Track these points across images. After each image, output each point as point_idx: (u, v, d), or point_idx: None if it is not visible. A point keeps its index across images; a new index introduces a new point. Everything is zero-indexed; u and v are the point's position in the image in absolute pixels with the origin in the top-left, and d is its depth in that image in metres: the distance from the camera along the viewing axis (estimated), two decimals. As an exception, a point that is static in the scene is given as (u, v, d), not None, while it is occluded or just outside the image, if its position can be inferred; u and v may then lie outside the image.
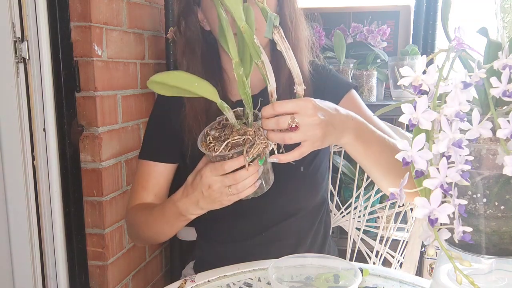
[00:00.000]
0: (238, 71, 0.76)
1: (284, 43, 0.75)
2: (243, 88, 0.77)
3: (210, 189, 0.80)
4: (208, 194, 0.81)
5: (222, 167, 0.77)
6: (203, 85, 0.75)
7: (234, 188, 0.78)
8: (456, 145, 0.46)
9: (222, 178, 0.78)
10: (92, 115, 1.39)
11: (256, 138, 0.76)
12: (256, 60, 0.74)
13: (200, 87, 0.74)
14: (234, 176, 0.77)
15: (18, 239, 1.37)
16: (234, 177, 0.77)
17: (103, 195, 1.44)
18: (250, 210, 1.04)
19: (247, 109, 0.79)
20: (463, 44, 0.53)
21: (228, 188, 0.79)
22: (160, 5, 1.72)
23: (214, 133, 0.81)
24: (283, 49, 0.75)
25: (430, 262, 1.55)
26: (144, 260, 1.73)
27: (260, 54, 0.74)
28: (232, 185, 0.78)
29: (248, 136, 0.77)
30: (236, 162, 0.76)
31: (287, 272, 0.76)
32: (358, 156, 0.87)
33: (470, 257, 0.54)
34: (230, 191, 0.79)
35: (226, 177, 0.78)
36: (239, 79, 0.76)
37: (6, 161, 1.34)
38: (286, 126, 0.74)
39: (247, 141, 0.77)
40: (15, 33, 1.29)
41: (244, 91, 0.77)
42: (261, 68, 0.75)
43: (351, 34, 1.86)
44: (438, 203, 0.45)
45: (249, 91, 0.78)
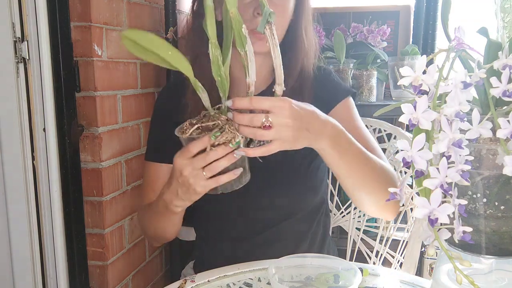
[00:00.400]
0: (214, 52, 0.74)
1: (273, 40, 0.74)
2: (217, 70, 0.74)
3: (183, 175, 0.77)
4: (182, 181, 0.78)
5: (188, 149, 0.75)
6: (177, 56, 0.72)
7: (208, 170, 0.75)
8: (456, 145, 0.46)
9: (191, 160, 0.76)
10: (92, 115, 1.39)
11: (227, 126, 0.75)
12: (240, 49, 0.73)
13: (174, 57, 0.72)
14: (203, 156, 0.75)
15: (18, 239, 1.37)
16: (204, 157, 0.75)
17: (103, 195, 1.44)
18: (249, 210, 1.04)
19: (220, 93, 0.77)
20: (463, 44, 0.53)
21: (202, 172, 0.76)
22: (160, 5, 1.72)
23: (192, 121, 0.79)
24: (271, 46, 0.74)
25: (430, 262, 1.55)
26: (144, 260, 1.73)
27: (245, 44, 0.72)
28: (206, 168, 0.75)
29: (219, 121, 0.75)
30: (200, 142, 0.74)
31: (287, 272, 0.76)
32: (332, 164, 0.86)
33: (470, 257, 0.54)
34: (204, 174, 0.76)
35: (196, 158, 0.75)
36: (214, 60, 0.74)
37: (6, 161, 1.34)
38: (260, 125, 0.73)
39: (217, 125, 0.75)
40: (15, 33, 1.29)
41: (218, 73, 0.75)
42: (243, 59, 0.74)
43: (351, 34, 1.86)
44: (438, 203, 0.45)
45: (224, 75, 0.76)
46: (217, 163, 0.75)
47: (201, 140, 0.74)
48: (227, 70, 0.76)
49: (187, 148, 0.76)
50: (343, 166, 0.86)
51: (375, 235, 1.30)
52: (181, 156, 0.77)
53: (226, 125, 0.75)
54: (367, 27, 1.84)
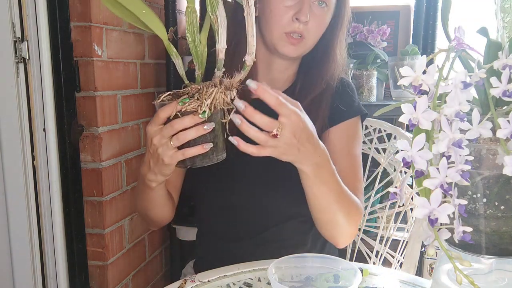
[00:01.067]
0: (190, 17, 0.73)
1: (248, 9, 0.72)
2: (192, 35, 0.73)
3: (153, 143, 0.76)
4: (153, 150, 0.77)
5: (157, 115, 0.74)
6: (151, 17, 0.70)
7: (175, 139, 0.73)
8: (456, 145, 0.46)
9: (160, 128, 0.75)
10: (92, 115, 1.39)
11: (197, 95, 0.73)
12: (211, 13, 0.72)
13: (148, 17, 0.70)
14: (170, 124, 0.73)
15: (18, 239, 1.37)
16: (171, 124, 0.73)
17: (103, 195, 1.44)
18: (250, 210, 1.04)
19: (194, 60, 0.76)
20: (463, 44, 0.53)
21: (170, 141, 0.74)
22: (160, 5, 1.72)
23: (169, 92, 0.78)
24: (246, 16, 0.73)
25: (430, 262, 1.55)
26: (144, 260, 1.73)
27: (216, 8, 0.71)
28: (173, 137, 0.74)
29: (189, 88, 0.74)
30: (168, 107, 0.73)
31: (287, 272, 0.76)
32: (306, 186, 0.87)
33: (470, 257, 0.54)
34: (172, 144, 0.74)
35: (165, 126, 0.74)
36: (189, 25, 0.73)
37: (6, 161, 1.34)
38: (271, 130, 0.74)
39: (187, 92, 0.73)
40: (15, 33, 1.29)
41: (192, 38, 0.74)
42: (214, 23, 0.73)
43: (351, 34, 1.85)
44: (438, 203, 0.45)
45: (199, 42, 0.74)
46: (185, 133, 0.73)
47: (169, 105, 0.73)
48: (204, 38, 0.74)
49: (157, 114, 0.74)
50: (315, 193, 0.88)
51: (375, 235, 1.30)
52: (151, 123, 0.76)
53: (196, 93, 0.73)
54: (367, 27, 1.84)
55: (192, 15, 0.72)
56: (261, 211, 1.04)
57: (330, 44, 1.03)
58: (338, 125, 1.04)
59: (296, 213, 1.05)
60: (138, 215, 1.13)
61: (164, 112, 0.73)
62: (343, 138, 1.04)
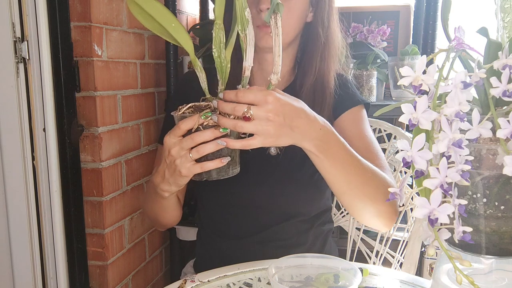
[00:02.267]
0: (218, 33, 0.73)
1: (276, 29, 0.74)
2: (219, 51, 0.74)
3: (170, 154, 0.76)
4: (170, 160, 0.77)
5: (177, 126, 0.75)
6: (180, 30, 0.71)
7: (195, 151, 0.74)
8: (456, 145, 0.46)
9: (179, 140, 0.75)
10: (92, 115, 1.39)
11: None
12: (241, 31, 0.73)
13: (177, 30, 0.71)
14: (191, 135, 0.74)
15: (18, 239, 1.37)
16: (191, 137, 0.73)
17: (103, 195, 1.44)
18: (250, 210, 1.04)
19: (218, 76, 0.77)
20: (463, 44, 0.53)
21: (188, 153, 0.75)
22: (160, 5, 1.72)
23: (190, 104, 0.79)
24: (273, 35, 0.74)
25: (430, 262, 1.55)
26: (144, 260, 1.73)
27: (246, 27, 0.72)
28: (193, 150, 0.74)
29: (211, 103, 0.75)
30: (190, 120, 0.73)
31: (287, 272, 0.76)
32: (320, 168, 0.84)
33: (470, 257, 0.54)
34: (191, 156, 0.74)
35: (184, 138, 0.75)
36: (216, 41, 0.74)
37: (6, 161, 1.34)
38: (240, 115, 0.72)
39: (209, 106, 0.75)
40: (15, 33, 1.29)
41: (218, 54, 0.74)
42: (242, 41, 0.74)
43: (351, 34, 1.86)
44: (438, 203, 0.45)
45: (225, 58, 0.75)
46: (204, 146, 0.73)
47: (191, 118, 0.73)
48: (228, 54, 0.75)
49: (177, 126, 0.75)
50: (329, 171, 0.83)
51: (375, 235, 1.30)
52: (170, 134, 0.76)
53: None
54: (367, 27, 1.84)
55: (219, 31, 0.73)
56: (261, 211, 1.04)
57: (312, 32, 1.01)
58: (343, 114, 1.04)
59: (296, 212, 1.05)
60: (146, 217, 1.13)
61: (185, 125, 0.74)
62: (351, 124, 1.04)
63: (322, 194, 1.08)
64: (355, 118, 1.05)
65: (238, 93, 0.73)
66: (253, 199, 1.03)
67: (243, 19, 0.72)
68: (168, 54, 1.68)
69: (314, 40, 1.01)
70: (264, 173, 1.02)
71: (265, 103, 0.73)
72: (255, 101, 0.73)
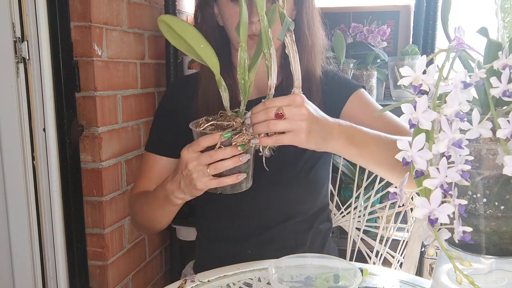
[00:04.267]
0: (242, 55, 0.76)
1: (293, 47, 0.76)
2: (243, 73, 0.76)
3: (187, 168, 0.77)
4: (186, 173, 0.78)
5: (197, 143, 0.76)
6: (208, 51, 0.74)
7: (212, 167, 0.76)
8: (456, 145, 0.46)
9: (198, 154, 0.76)
10: (92, 115, 1.39)
11: (244, 129, 0.76)
12: (265, 50, 0.75)
13: (205, 51, 0.73)
14: (211, 153, 0.75)
15: (18, 239, 1.37)
16: (210, 154, 0.75)
17: (103, 195, 1.44)
18: (249, 211, 1.04)
19: (241, 96, 0.79)
20: (463, 44, 0.53)
21: (206, 168, 0.76)
22: (160, 5, 1.72)
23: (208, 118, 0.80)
24: (290, 52, 0.77)
25: (430, 262, 1.55)
26: (144, 260, 1.73)
27: (270, 45, 0.75)
28: (211, 166, 0.76)
29: (234, 122, 0.77)
30: (211, 137, 0.75)
31: (287, 272, 0.76)
32: (356, 159, 0.87)
33: (470, 257, 0.54)
34: (208, 172, 0.76)
35: (203, 154, 0.76)
36: (240, 63, 0.76)
37: (6, 161, 1.34)
38: (273, 116, 0.74)
39: (231, 126, 0.76)
40: (15, 33, 1.29)
41: (242, 76, 0.77)
42: (268, 59, 0.76)
43: (351, 34, 1.86)
44: (438, 203, 0.45)
45: (249, 79, 0.78)
46: (223, 162, 0.75)
47: (212, 136, 0.75)
48: (252, 76, 0.78)
49: (197, 142, 0.76)
50: (368, 157, 0.86)
51: (375, 235, 1.30)
52: (189, 149, 0.77)
53: (243, 127, 0.76)
54: (367, 27, 1.84)
55: (244, 53, 0.76)
56: (259, 213, 1.04)
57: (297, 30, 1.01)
58: (346, 103, 1.05)
59: (294, 213, 1.05)
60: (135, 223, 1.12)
61: (205, 142, 0.75)
62: (361, 110, 1.04)
63: (319, 192, 1.08)
64: (361, 102, 1.05)
65: (266, 102, 0.76)
66: (250, 202, 1.03)
67: (268, 39, 0.74)
68: (168, 54, 1.68)
69: (300, 41, 1.01)
70: (260, 175, 1.02)
71: (294, 101, 0.75)
72: (285, 103, 0.75)
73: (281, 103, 0.75)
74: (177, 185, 0.83)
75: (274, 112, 0.74)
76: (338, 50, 1.70)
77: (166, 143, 1.08)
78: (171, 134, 1.08)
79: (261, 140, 0.75)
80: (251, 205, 1.04)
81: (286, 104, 0.75)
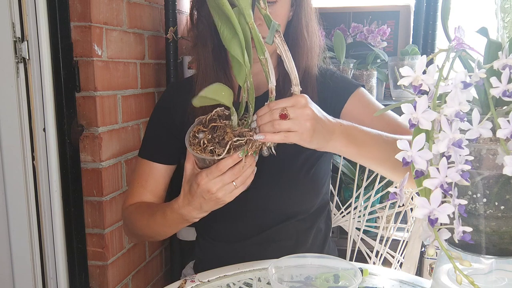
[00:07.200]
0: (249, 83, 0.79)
1: (283, 46, 0.77)
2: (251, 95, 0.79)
3: (210, 192, 0.80)
4: (209, 197, 0.81)
5: (218, 169, 0.78)
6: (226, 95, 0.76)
7: (239, 181, 0.79)
8: (456, 145, 0.46)
9: (221, 178, 0.79)
10: (92, 115, 1.39)
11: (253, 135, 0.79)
12: (261, 56, 0.76)
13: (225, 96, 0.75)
14: (232, 171, 0.78)
15: (18, 239, 1.37)
16: (234, 172, 0.78)
17: (103, 195, 1.44)
18: (249, 211, 1.04)
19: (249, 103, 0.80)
20: (463, 44, 0.53)
21: (232, 183, 0.79)
22: (160, 5, 1.72)
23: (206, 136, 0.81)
24: (282, 52, 0.78)
25: (430, 262, 1.55)
26: (144, 260, 1.73)
27: (264, 51, 0.76)
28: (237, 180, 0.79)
29: (249, 137, 0.78)
30: (231, 160, 0.77)
31: (287, 272, 0.76)
32: (357, 158, 0.88)
33: (470, 257, 0.54)
34: (234, 185, 0.79)
35: (225, 174, 0.78)
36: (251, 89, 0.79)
37: (6, 161, 1.34)
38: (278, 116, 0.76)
39: (248, 142, 0.78)
40: (15, 33, 1.29)
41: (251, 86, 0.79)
42: (264, 65, 0.77)
43: (351, 34, 1.86)
44: (438, 203, 0.45)
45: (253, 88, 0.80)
46: (246, 173, 0.79)
47: (232, 158, 0.77)
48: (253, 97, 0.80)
49: (217, 168, 0.78)
50: (368, 157, 0.87)
51: (375, 235, 1.30)
52: (208, 176, 0.79)
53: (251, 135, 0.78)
54: (367, 27, 1.84)
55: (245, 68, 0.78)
56: (259, 213, 1.04)
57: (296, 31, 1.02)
58: (347, 103, 1.05)
59: (295, 212, 1.05)
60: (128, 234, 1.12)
61: (227, 166, 0.78)
62: (362, 109, 1.04)
63: (320, 190, 1.08)
64: (361, 101, 1.05)
65: (270, 104, 0.77)
66: (251, 201, 1.03)
67: (261, 45, 0.76)
68: (168, 54, 1.67)
69: (298, 41, 1.02)
70: (259, 175, 1.02)
71: (298, 102, 0.77)
72: (289, 104, 0.77)
73: (285, 104, 0.76)
74: (195, 208, 0.85)
75: (278, 113, 0.76)
76: (338, 50, 1.70)
77: (161, 150, 1.07)
78: (166, 139, 1.07)
79: (267, 137, 0.77)
80: (252, 205, 1.04)
81: (290, 105, 0.76)
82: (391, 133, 0.91)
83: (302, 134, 0.77)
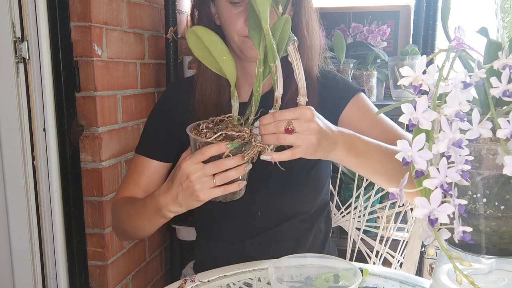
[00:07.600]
0: (259, 68, 0.77)
1: (296, 55, 0.77)
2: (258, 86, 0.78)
3: (189, 179, 0.76)
4: (187, 185, 0.77)
5: (201, 153, 0.75)
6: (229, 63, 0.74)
7: (219, 178, 0.75)
8: (456, 145, 0.46)
9: (202, 165, 0.75)
10: (92, 115, 1.39)
11: (253, 140, 0.76)
12: (271, 63, 0.75)
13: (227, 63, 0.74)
14: (217, 163, 0.75)
15: (18, 239, 1.37)
16: (216, 164, 0.75)
17: (103, 195, 1.44)
18: (249, 212, 1.04)
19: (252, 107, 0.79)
20: (463, 44, 0.53)
21: (211, 179, 0.76)
22: (160, 5, 1.72)
23: (208, 125, 0.80)
24: (294, 60, 0.77)
25: (430, 262, 1.55)
26: (144, 260, 1.73)
27: (276, 58, 0.75)
28: (216, 176, 0.75)
29: (244, 134, 0.76)
30: (216, 147, 0.74)
31: (287, 272, 0.76)
32: (356, 168, 0.87)
33: (470, 257, 0.54)
34: (214, 182, 0.76)
35: (208, 164, 0.75)
36: (258, 76, 0.77)
37: (6, 161, 1.34)
38: (283, 130, 0.74)
39: (241, 137, 0.76)
40: (15, 33, 1.29)
41: (257, 89, 0.78)
42: (274, 73, 0.76)
43: (351, 34, 1.85)
44: (438, 203, 0.45)
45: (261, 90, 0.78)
46: (229, 172, 0.75)
47: (218, 146, 0.74)
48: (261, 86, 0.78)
49: (201, 152, 0.75)
50: (367, 167, 0.86)
51: (375, 235, 1.30)
52: (191, 160, 0.76)
53: (252, 138, 0.76)
54: (367, 27, 1.84)
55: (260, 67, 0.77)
56: (259, 214, 1.04)
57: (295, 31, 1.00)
58: (346, 108, 1.04)
59: (296, 213, 1.05)
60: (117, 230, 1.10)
61: (211, 152, 0.75)
62: (361, 116, 1.04)
63: (320, 190, 1.08)
64: (360, 107, 1.04)
65: (275, 114, 0.75)
66: (251, 203, 1.02)
67: (273, 52, 0.75)
68: (168, 54, 1.68)
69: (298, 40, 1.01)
70: (259, 177, 1.01)
71: (304, 115, 0.75)
72: (294, 116, 0.75)
73: (291, 116, 0.74)
74: (172, 198, 0.81)
75: (284, 126, 0.74)
76: (338, 50, 1.70)
77: (159, 147, 1.07)
78: (164, 137, 1.07)
79: (273, 157, 0.75)
80: (252, 206, 1.04)
81: (296, 117, 0.74)
82: (388, 140, 0.90)
83: (307, 149, 0.76)
